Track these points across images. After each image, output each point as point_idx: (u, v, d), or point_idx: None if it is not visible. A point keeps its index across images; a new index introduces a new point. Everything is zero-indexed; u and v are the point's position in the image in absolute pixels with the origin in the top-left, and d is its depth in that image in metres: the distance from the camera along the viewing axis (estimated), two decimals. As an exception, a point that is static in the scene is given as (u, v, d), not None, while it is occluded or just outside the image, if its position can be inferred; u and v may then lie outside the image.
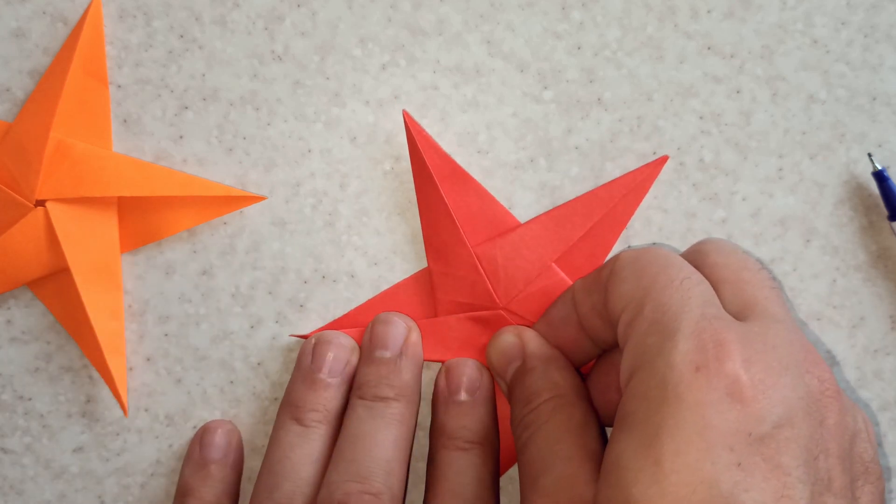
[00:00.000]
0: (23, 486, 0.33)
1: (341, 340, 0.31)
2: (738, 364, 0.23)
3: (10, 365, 0.33)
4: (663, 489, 0.21)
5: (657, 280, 0.25)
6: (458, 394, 0.31)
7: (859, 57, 0.32)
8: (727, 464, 0.22)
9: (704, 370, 0.23)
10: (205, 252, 0.32)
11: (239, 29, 0.31)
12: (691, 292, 0.25)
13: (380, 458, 0.29)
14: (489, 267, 0.31)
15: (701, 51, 0.32)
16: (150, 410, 0.33)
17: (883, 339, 0.33)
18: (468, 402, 0.31)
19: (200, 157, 0.32)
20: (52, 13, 0.31)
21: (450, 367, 0.31)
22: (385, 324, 0.31)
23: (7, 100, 0.31)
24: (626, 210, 0.32)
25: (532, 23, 0.31)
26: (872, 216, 0.32)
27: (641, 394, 0.23)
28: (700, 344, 0.23)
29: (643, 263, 0.26)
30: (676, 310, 0.24)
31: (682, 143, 0.32)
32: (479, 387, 0.31)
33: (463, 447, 0.30)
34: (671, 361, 0.23)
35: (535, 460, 0.27)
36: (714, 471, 0.21)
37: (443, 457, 0.30)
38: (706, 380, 0.22)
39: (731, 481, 0.21)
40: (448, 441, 0.30)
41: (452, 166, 0.31)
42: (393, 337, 0.31)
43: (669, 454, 0.22)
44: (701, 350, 0.23)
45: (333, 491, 0.28)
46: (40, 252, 0.30)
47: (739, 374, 0.23)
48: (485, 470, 0.30)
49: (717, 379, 0.22)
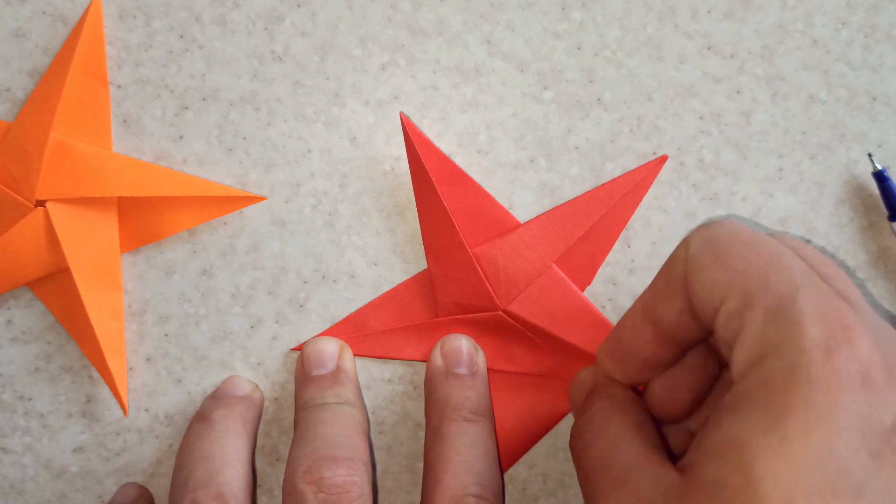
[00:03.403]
0: (23, 486, 0.33)
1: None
2: (868, 349, 0.22)
3: (10, 365, 0.33)
4: (790, 466, 0.21)
5: (752, 261, 0.24)
6: (459, 367, 0.31)
7: (859, 57, 0.32)
8: (858, 449, 0.21)
9: (837, 353, 0.22)
10: (205, 252, 0.32)
11: (239, 29, 0.31)
12: (794, 270, 0.23)
13: (340, 434, 0.29)
14: (489, 268, 0.31)
15: (701, 51, 0.32)
16: (150, 410, 0.33)
17: (883, 339, 0.33)
18: (468, 376, 0.31)
19: (200, 157, 0.32)
20: (52, 13, 0.31)
21: (445, 342, 0.32)
22: (317, 344, 0.32)
23: (7, 100, 0.31)
24: (626, 210, 0.32)
25: (532, 23, 0.31)
26: (872, 216, 0.32)
27: (764, 379, 0.22)
28: (828, 327, 0.22)
29: (723, 244, 0.24)
30: (790, 292, 0.23)
31: (682, 143, 0.32)
32: (476, 362, 0.31)
33: (470, 418, 0.30)
34: (801, 346, 0.22)
35: (597, 459, 0.26)
36: (845, 454, 0.21)
37: (450, 429, 0.30)
38: (840, 362, 0.22)
39: (862, 468, 0.21)
40: (453, 412, 0.30)
41: (451, 168, 0.31)
42: (330, 354, 0.32)
43: (797, 432, 0.21)
44: (830, 334, 0.22)
45: (300, 462, 0.28)
46: (40, 252, 0.30)
47: (871, 359, 0.22)
48: (491, 442, 0.30)
49: (850, 362, 0.22)
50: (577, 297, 0.32)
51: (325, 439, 0.29)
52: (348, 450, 0.29)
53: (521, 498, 0.34)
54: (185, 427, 0.33)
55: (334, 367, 0.32)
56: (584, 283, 0.32)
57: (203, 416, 0.31)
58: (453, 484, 0.29)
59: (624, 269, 0.33)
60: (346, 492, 0.27)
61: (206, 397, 0.32)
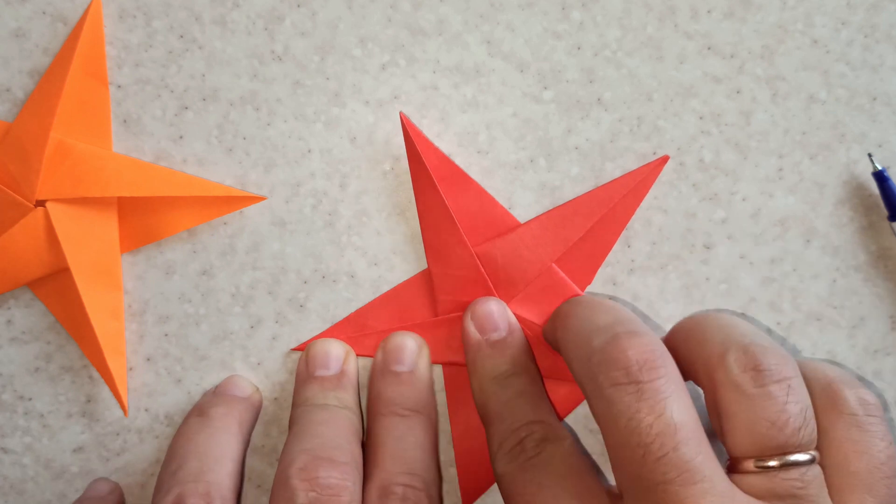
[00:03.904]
0: (23, 486, 0.33)
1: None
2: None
3: (10, 365, 0.33)
4: None
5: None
6: (396, 364, 0.31)
7: (859, 57, 0.32)
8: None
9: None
10: (205, 252, 0.32)
11: (239, 29, 0.31)
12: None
13: (340, 437, 0.29)
14: (489, 267, 0.31)
15: (701, 51, 0.32)
16: (150, 410, 0.33)
17: (883, 339, 0.33)
18: (406, 373, 0.31)
19: (200, 157, 0.32)
20: (52, 13, 0.31)
21: (388, 340, 0.32)
22: (320, 346, 0.32)
23: (7, 100, 0.31)
24: (626, 210, 0.32)
25: (532, 23, 0.31)
26: (872, 216, 0.32)
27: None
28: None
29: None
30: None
31: (682, 143, 0.32)
32: (417, 360, 0.32)
33: (402, 413, 0.30)
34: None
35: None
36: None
37: (381, 423, 0.30)
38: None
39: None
40: (385, 408, 0.31)
41: (451, 167, 0.31)
42: (336, 356, 0.32)
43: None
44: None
45: (297, 458, 0.28)
46: (40, 252, 0.30)
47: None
48: (424, 436, 0.30)
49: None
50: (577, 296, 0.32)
51: (324, 439, 0.29)
52: (346, 454, 0.29)
53: (521, 498, 0.34)
54: (185, 427, 0.33)
55: (339, 371, 0.32)
56: (584, 283, 0.32)
57: (201, 411, 0.31)
58: (380, 476, 0.29)
59: (624, 269, 0.33)
60: (336, 495, 0.27)
61: (205, 392, 0.32)
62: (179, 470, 0.28)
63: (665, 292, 0.33)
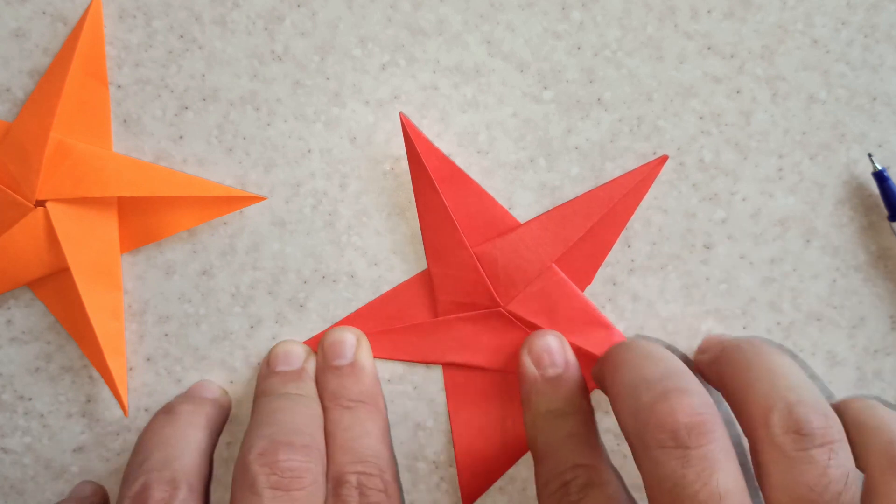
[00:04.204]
0: (23, 486, 0.33)
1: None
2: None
3: (10, 365, 0.33)
4: None
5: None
6: (336, 359, 0.32)
7: (859, 57, 0.32)
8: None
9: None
10: (205, 252, 0.32)
11: (239, 29, 0.31)
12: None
13: (299, 423, 0.29)
14: (489, 268, 0.31)
15: (701, 51, 0.32)
16: (150, 410, 0.33)
17: (883, 339, 0.33)
18: (347, 366, 0.32)
19: (200, 157, 0.32)
20: (52, 13, 0.31)
21: (325, 337, 0.32)
22: (284, 344, 0.33)
23: (7, 100, 0.31)
24: (626, 210, 0.32)
25: (532, 23, 0.31)
26: (872, 216, 0.32)
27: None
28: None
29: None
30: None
31: (682, 143, 0.32)
32: (357, 352, 0.32)
33: (346, 405, 0.31)
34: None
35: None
36: None
37: (328, 418, 0.31)
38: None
39: None
40: (330, 402, 0.31)
41: (451, 168, 0.31)
42: (297, 355, 0.32)
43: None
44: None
45: (255, 444, 0.28)
46: (40, 252, 0.30)
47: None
48: (372, 425, 0.31)
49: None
50: (577, 297, 0.32)
51: (283, 425, 0.29)
52: (306, 437, 0.29)
53: (521, 498, 0.34)
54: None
55: (299, 367, 0.32)
56: (584, 283, 0.32)
57: (169, 409, 0.31)
58: (333, 468, 0.29)
59: (624, 269, 0.33)
60: (299, 477, 0.28)
61: (176, 396, 0.33)
62: (146, 461, 0.29)
63: (665, 292, 0.33)
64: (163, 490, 0.27)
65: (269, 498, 0.27)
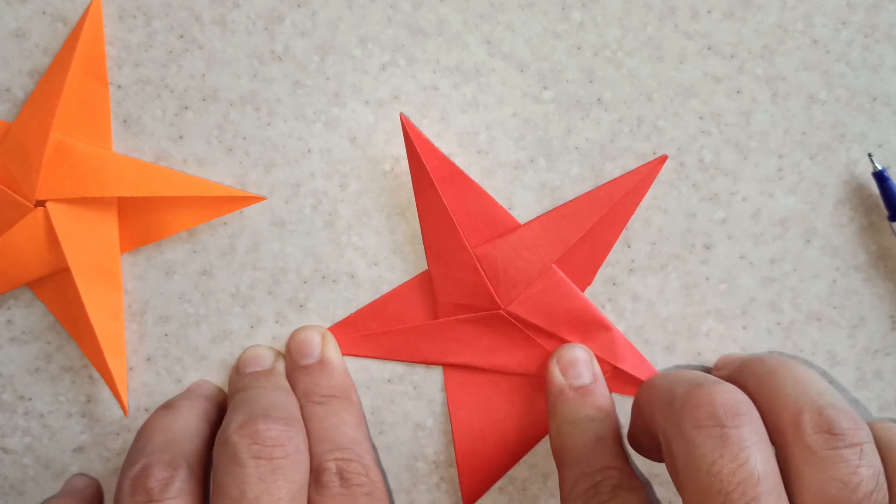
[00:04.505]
0: (23, 486, 0.33)
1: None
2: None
3: (10, 365, 0.33)
4: None
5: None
6: (303, 359, 0.32)
7: (859, 57, 0.32)
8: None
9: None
10: (205, 252, 0.32)
11: (239, 29, 0.31)
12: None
13: (278, 400, 0.30)
14: (489, 268, 0.31)
15: (701, 51, 0.32)
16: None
17: (883, 339, 0.33)
18: (315, 364, 0.32)
19: (200, 157, 0.32)
20: (52, 13, 0.31)
21: (291, 338, 0.32)
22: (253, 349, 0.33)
23: (7, 100, 0.31)
24: (626, 210, 0.32)
25: (532, 23, 0.31)
26: (872, 216, 0.32)
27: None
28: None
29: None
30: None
31: (682, 143, 0.32)
32: (323, 349, 0.32)
33: (318, 401, 0.31)
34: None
35: None
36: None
37: (303, 414, 0.31)
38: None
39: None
40: (302, 401, 0.31)
41: (451, 168, 0.31)
42: (265, 357, 0.33)
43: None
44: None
45: (233, 420, 0.29)
46: (40, 252, 0.30)
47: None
48: (347, 416, 0.31)
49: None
50: (577, 297, 0.32)
51: (260, 402, 0.30)
52: (285, 412, 0.29)
53: (521, 498, 0.34)
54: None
55: (270, 367, 0.32)
56: (584, 283, 0.32)
57: (168, 405, 0.31)
58: (311, 460, 0.29)
59: (624, 269, 0.33)
60: (280, 445, 0.28)
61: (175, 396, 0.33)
62: (146, 446, 0.29)
63: (665, 292, 0.33)
64: (163, 471, 0.28)
65: (252, 467, 0.27)
